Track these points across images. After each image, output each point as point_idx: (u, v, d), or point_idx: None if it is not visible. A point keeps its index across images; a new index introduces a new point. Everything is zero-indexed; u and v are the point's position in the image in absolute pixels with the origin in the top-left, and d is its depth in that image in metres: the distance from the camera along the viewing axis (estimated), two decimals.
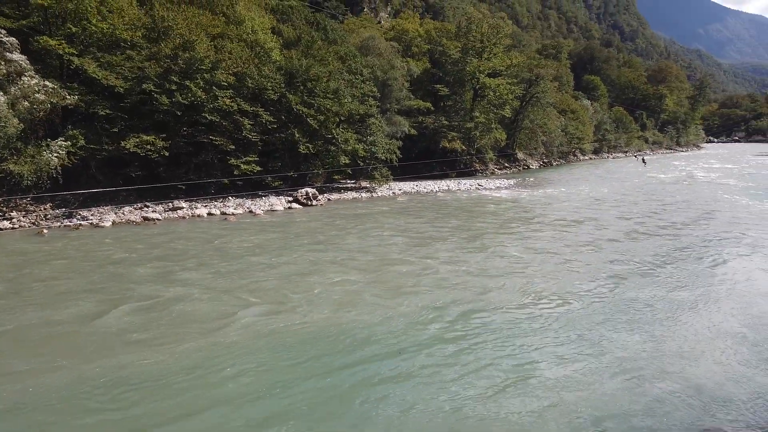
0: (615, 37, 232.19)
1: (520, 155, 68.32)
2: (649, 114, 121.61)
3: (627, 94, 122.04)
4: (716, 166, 68.49)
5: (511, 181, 48.65)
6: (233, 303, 13.79)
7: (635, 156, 65.85)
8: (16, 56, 25.21)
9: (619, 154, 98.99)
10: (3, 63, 24.77)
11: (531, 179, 51.66)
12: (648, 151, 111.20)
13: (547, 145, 71.86)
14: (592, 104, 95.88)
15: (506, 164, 64.00)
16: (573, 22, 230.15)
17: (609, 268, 17.34)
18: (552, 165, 72.84)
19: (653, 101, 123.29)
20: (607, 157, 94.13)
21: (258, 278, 16.15)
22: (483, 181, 47.84)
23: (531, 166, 67.61)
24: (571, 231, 24.32)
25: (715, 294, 14.54)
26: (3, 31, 25.35)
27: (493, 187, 43.78)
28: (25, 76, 25.13)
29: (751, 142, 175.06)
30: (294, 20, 48.70)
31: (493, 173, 58.28)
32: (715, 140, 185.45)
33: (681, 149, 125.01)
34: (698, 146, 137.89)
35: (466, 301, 13.91)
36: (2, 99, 23.98)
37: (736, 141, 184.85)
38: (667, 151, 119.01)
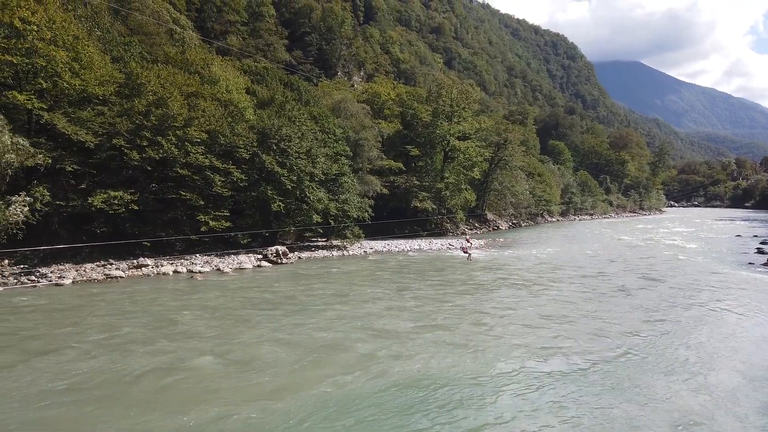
0: (578, 105, 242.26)
1: (489, 216, 69.29)
2: (612, 178, 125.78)
3: (591, 159, 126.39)
4: (680, 230, 70.55)
5: (482, 242, 49.01)
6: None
7: (462, 242, 40.36)
8: None
9: (586, 217, 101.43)
10: None
11: (501, 240, 52.18)
12: (613, 214, 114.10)
13: (516, 206, 73.18)
14: (558, 168, 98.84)
15: (476, 224, 64.72)
16: (538, 91, 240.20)
17: (624, 322, 18.56)
18: (521, 226, 73.95)
19: (616, 166, 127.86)
20: (574, 219, 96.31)
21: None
22: (454, 241, 48.02)
23: (500, 227, 68.47)
24: (565, 289, 24.96)
25: (718, 345, 15.99)
26: None
27: None
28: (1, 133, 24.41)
29: (709, 206, 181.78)
30: (268, 81, 49.64)
31: (463, 233, 58.71)
32: (676, 205, 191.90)
33: (644, 213, 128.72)
34: (660, 210, 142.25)
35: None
36: None
37: (695, 206, 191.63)
38: (631, 214, 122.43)
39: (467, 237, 41.93)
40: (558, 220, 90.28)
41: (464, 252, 35.75)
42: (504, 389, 12.14)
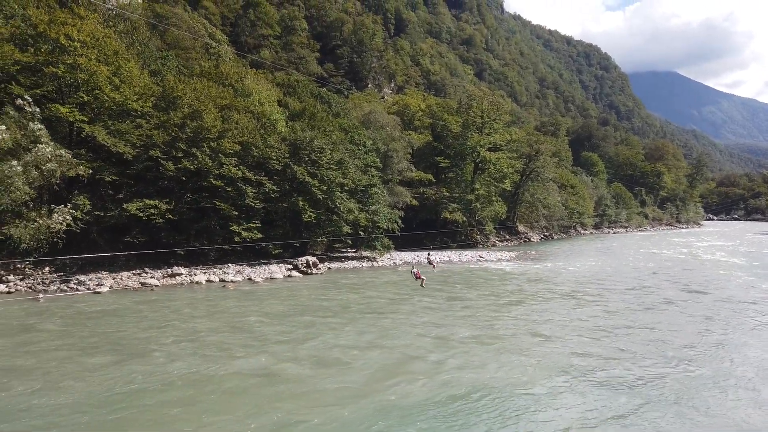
0: (611, 116, 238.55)
1: (520, 228, 68.52)
2: (648, 191, 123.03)
3: (625, 170, 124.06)
4: (720, 243, 68.42)
5: (513, 254, 48.41)
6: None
7: (421, 261, 34.54)
8: (36, 126, 25.57)
9: (620, 230, 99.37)
10: (22, 131, 25.08)
11: (533, 252, 51.47)
12: (649, 227, 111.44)
13: (548, 218, 72.20)
14: (591, 180, 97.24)
15: (507, 236, 64.05)
16: (570, 101, 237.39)
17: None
18: (553, 238, 72.86)
19: (651, 178, 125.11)
20: (608, 232, 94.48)
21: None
22: (484, 253, 47.62)
23: (532, 239, 67.56)
24: (612, 301, 24.75)
25: None
26: (28, 100, 25.88)
27: (495, 259, 43.51)
28: (41, 143, 25.32)
29: (750, 220, 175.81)
30: (300, 93, 50.34)
31: (494, 245, 58.17)
32: (715, 218, 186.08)
33: (681, 226, 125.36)
34: (698, 223, 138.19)
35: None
36: (18, 168, 24.03)
37: (735, 219, 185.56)
38: (668, 227, 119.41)
39: (430, 257, 33.28)
40: (591, 232, 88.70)
41: (417, 277, 26.38)
42: (562, 400, 12.10)
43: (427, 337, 17.32)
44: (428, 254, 35.96)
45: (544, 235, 72.27)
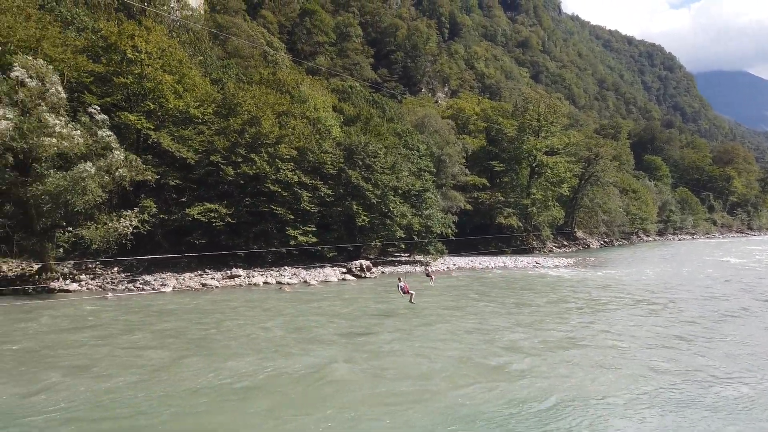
0: (676, 118, 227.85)
1: (579, 234, 66.55)
2: (716, 196, 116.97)
3: (691, 174, 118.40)
4: None
5: (571, 260, 47.06)
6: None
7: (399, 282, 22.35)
8: (106, 133, 26.88)
9: (686, 236, 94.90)
10: (93, 137, 26.41)
11: (592, 259, 49.86)
12: (717, 234, 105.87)
13: (608, 224, 69.68)
14: (654, 184, 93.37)
15: (565, 242, 62.34)
16: (632, 103, 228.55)
17: None
18: (613, 245, 70.34)
19: (720, 183, 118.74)
20: (673, 238, 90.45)
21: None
22: (541, 259, 46.53)
23: (591, 245, 65.47)
24: (686, 309, 23.89)
25: None
26: (97, 108, 27.26)
27: (552, 266, 42.40)
28: (113, 149, 26.53)
29: None
30: (354, 99, 50.85)
31: (550, 251, 56.74)
32: None
33: (753, 233, 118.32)
34: None
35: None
36: (92, 170, 25.25)
37: None
38: (738, 234, 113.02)
39: (428, 269, 30.26)
40: (654, 239, 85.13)
41: (405, 292, 21.99)
42: (642, 415, 11.52)
43: (498, 342, 17.00)
44: (426, 265, 34.26)
45: (603, 242, 69.93)
